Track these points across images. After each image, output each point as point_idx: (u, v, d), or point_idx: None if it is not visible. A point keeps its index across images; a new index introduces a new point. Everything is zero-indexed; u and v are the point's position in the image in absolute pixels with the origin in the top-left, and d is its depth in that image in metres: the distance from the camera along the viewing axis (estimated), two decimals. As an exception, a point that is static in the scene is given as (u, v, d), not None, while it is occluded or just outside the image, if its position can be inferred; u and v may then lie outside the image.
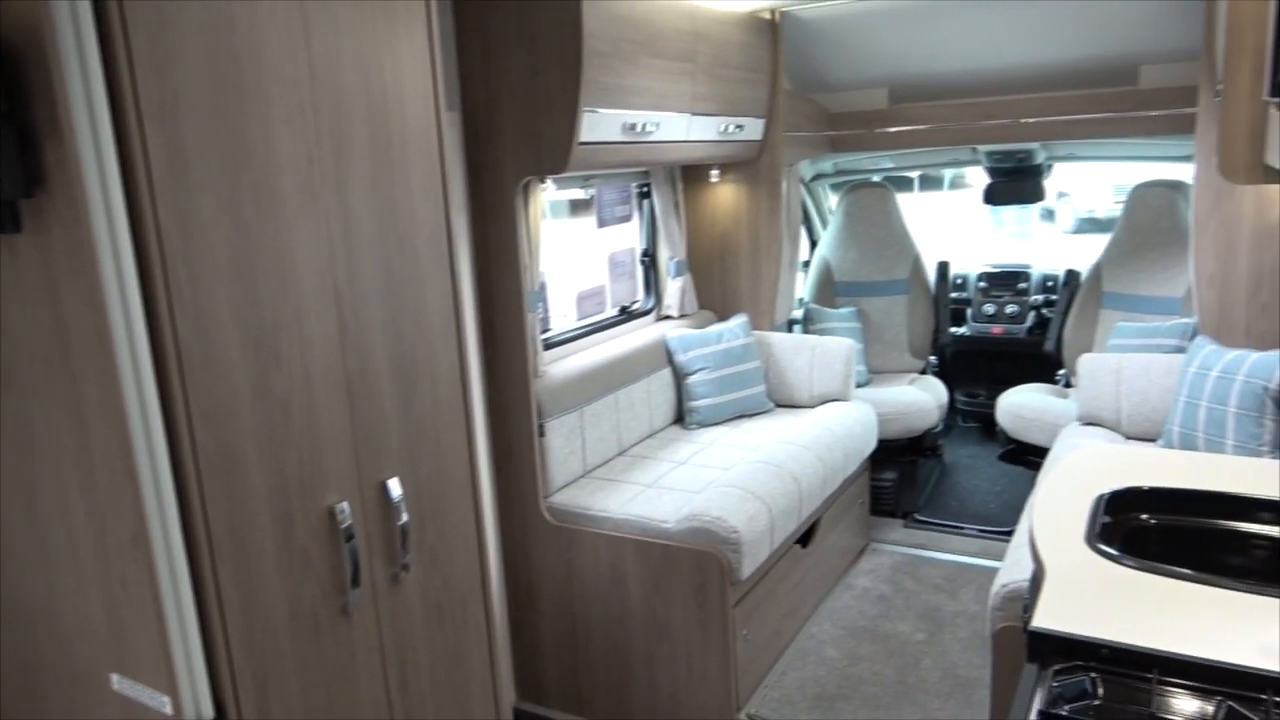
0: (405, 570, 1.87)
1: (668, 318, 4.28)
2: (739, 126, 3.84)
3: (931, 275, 5.26)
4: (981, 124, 4.41)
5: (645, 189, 4.18)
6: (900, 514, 4.59)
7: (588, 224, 4.10)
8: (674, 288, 4.25)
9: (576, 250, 4.28)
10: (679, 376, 4.02)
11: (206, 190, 1.41)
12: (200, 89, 1.39)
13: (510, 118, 2.90)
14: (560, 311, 3.98)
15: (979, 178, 5.30)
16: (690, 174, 4.28)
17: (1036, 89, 4.27)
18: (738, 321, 4.15)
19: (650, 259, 4.31)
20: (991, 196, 5.14)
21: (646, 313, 4.27)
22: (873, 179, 5.43)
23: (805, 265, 5.42)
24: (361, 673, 1.78)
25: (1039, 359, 4.96)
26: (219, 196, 1.43)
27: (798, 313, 4.98)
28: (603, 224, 4.07)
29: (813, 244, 5.60)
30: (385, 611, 1.84)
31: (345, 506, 1.70)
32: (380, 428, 1.80)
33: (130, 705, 1.52)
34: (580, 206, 4.36)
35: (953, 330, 5.37)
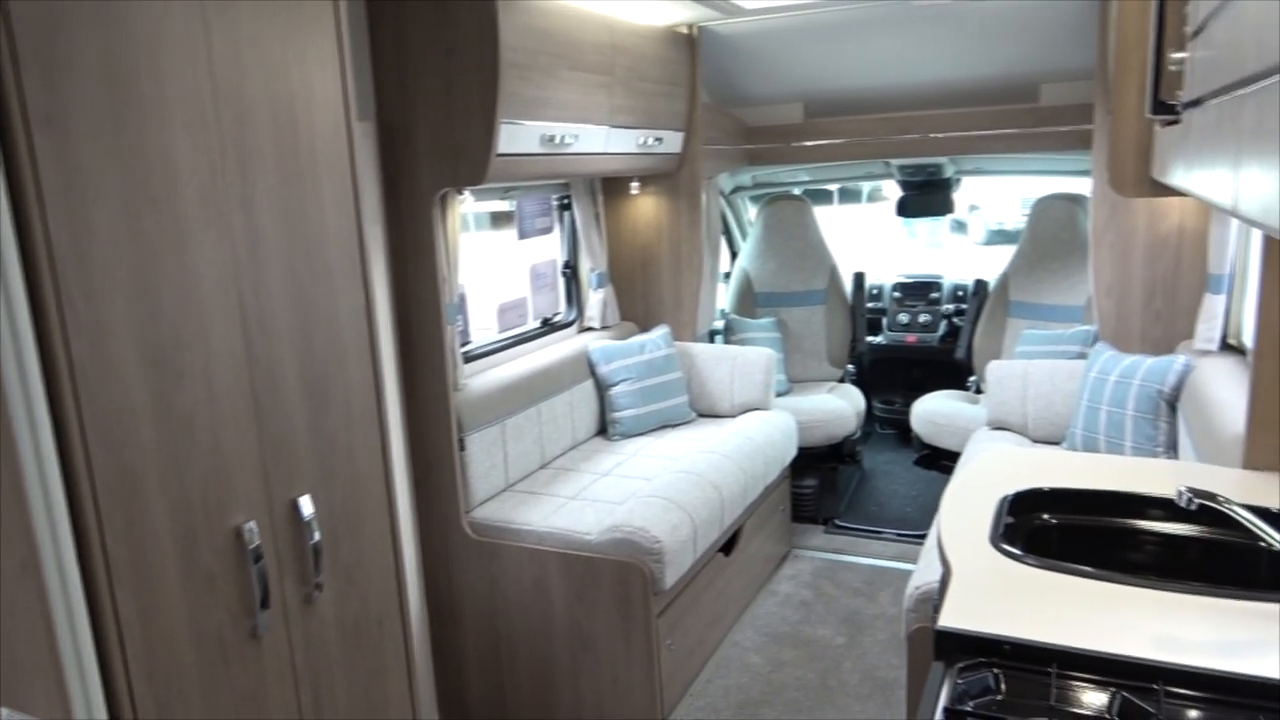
0: (318, 590, 1.82)
1: (590, 329, 4.28)
2: (658, 139, 3.87)
3: (848, 286, 5.38)
4: (893, 139, 4.54)
5: (566, 201, 4.18)
6: (821, 520, 4.67)
7: (509, 236, 4.08)
8: (596, 299, 4.26)
9: (497, 262, 4.25)
10: (601, 388, 4.03)
11: (102, 202, 1.36)
12: (94, 95, 1.34)
13: (427, 128, 2.87)
14: (481, 324, 3.95)
15: (896, 191, 5.45)
16: (611, 186, 4.30)
17: (945, 105, 4.43)
18: (659, 333, 4.18)
19: (572, 271, 4.31)
20: (904, 209, 5.31)
21: (568, 324, 4.27)
22: (792, 191, 5.53)
23: (726, 276, 5.49)
24: (273, 697, 1.73)
25: (951, 366, 5.11)
26: (115, 208, 1.38)
27: (719, 323, 5.03)
28: (524, 236, 4.06)
29: (733, 255, 5.68)
30: (297, 633, 1.79)
31: (253, 526, 1.65)
32: (290, 444, 1.76)
33: (22, 740, 1.45)
34: (501, 219, 4.34)
35: (869, 339, 5.50)
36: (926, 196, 5.21)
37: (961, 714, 1.28)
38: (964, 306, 5.34)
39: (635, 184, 4.25)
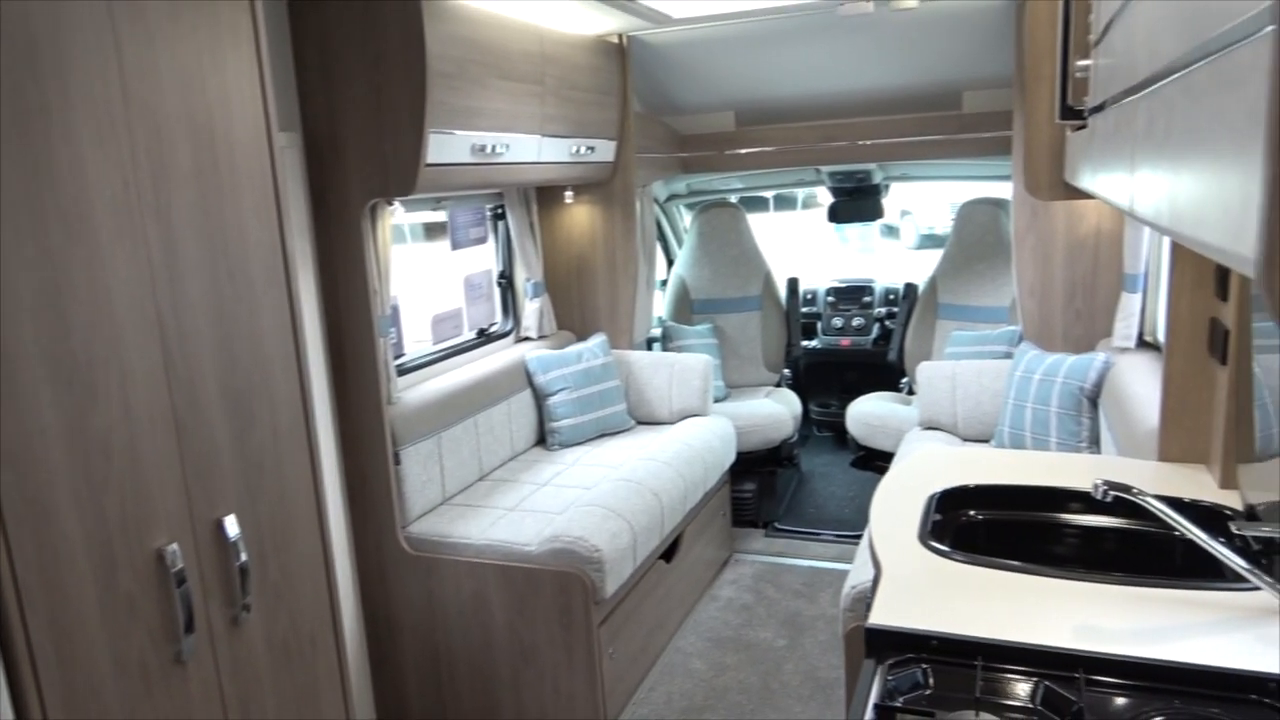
0: (246, 611, 1.78)
1: (526, 339, 4.26)
2: (590, 148, 3.88)
3: (783, 291, 5.44)
4: (822, 146, 4.62)
5: (500, 210, 4.16)
6: (761, 524, 4.71)
7: (442, 247, 4.05)
8: (532, 309, 4.24)
9: (431, 273, 4.20)
10: (539, 398, 4.01)
11: (5, 215, 1.31)
12: (-5, 107, 1.30)
13: (355, 139, 2.83)
14: (416, 336, 3.90)
15: (828, 197, 5.54)
16: (544, 195, 4.29)
17: (872, 113, 4.52)
18: (597, 341, 4.17)
19: (507, 281, 4.29)
20: (835, 215, 5.39)
21: (505, 335, 4.24)
22: (730, 199, 5.59)
23: (662, 284, 5.52)
24: (200, 723, 1.68)
25: (884, 368, 5.21)
26: (21, 222, 1.34)
27: (656, 331, 5.05)
28: (457, 246, 4.02)
29: (669, 263, 5.71)
30: (225, 656, 1.74)
31: (175, 548, 1.60)
32: (213, 463, 1.71)
33: (-72, 780, 1.38)
34: (435, 230, 4.28)
35: (804, 343, 5.57)
36: (856, 202, 5.31)
37: (891, 710, 1.30)
38: (895, 310, 5.45)
39: (569, 193, 4.24)
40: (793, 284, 5.56)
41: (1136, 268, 3.24)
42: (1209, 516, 1.80)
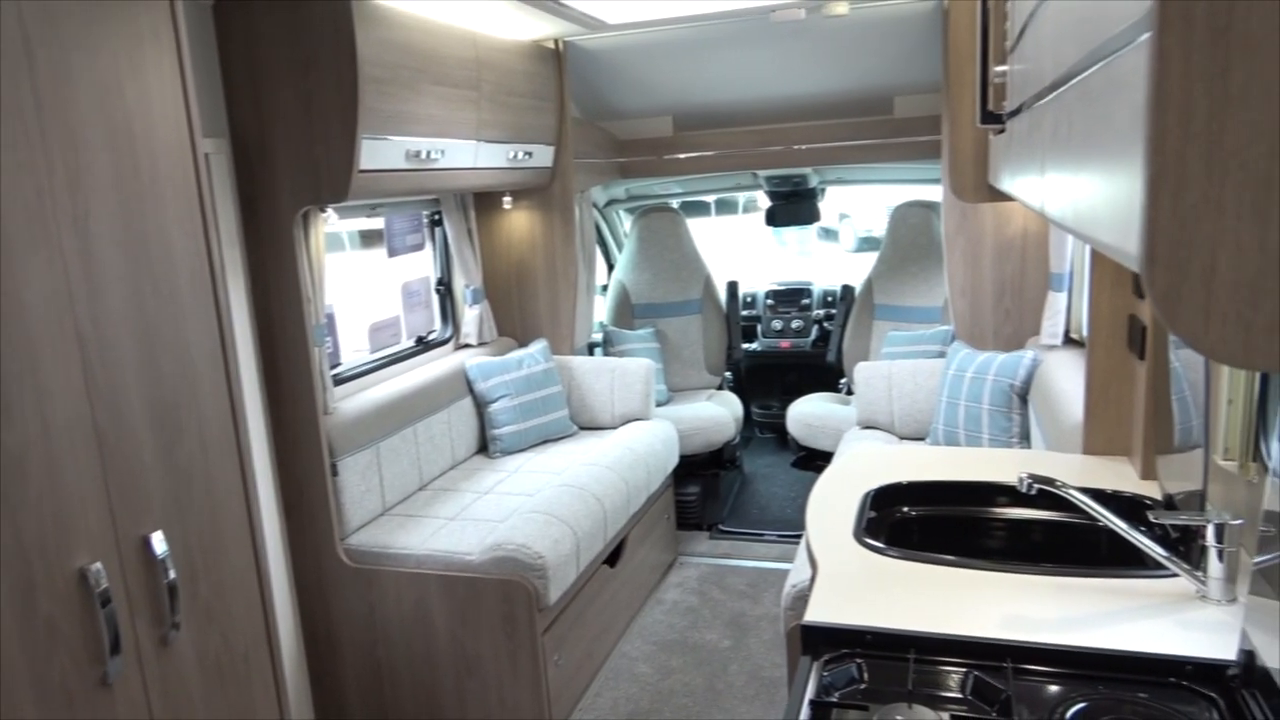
0: (175, 630, 1.73)
1: (466, 346, 4.23)
2: (528, 153, 3.86)
3: (723, 294, 5.48)
4: (758, 150, 4.68)
5: (437, 217, 4.12)
6: (705, 526, 4.73)
7: (379, 255, 3.99)
8: (471, 316, 4.21)
9: (368, 281, 4.15)
10: (480, 405, 3.98)
11: (-91, 226, 1.26)
12: (-104, 114, 1.25)
13: (285, 145, 2.78)
14: (353, 345, 3.85)
15: (767, 202, 5.60)
16: (482, 201, 4.26)
17: (807, 117, 4.58)
18: (537, 347, 4.16)
19: (445, 287, 4.25)
20: (772, 219, 5.45)
21: (444, 342, 4.20)
22: (670, 204, 5.61)
23: (603, 289, 5.52)
24: (128, 747, 1.63)
25: (824, 369, 5.28)
26: (-74, 233, 1.29)
27: (597, 336, 5.05)
28: (394, 253, 3.98)
29: (609, 268, 5.71)
30: (154, 677, 1.69)
31: (99, 568, 1.56)
32: (139, 479, 1.67)
33: None
34: (372, 237, 4.23)
35: (745, 346, 5.62)
36: (793, 206, 5.37)
37: (827, 706, 1.32)
38: (834, 312, 5.53)
39: (507, 198, 4.23)
40: (732, 287, 5.60)
41: (1062, 267, 3.33)
42: (1130, 507, 1.86)
